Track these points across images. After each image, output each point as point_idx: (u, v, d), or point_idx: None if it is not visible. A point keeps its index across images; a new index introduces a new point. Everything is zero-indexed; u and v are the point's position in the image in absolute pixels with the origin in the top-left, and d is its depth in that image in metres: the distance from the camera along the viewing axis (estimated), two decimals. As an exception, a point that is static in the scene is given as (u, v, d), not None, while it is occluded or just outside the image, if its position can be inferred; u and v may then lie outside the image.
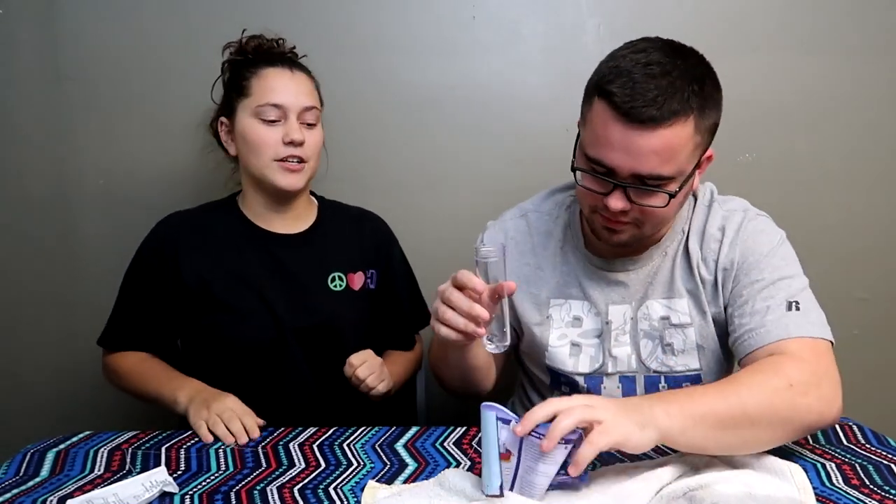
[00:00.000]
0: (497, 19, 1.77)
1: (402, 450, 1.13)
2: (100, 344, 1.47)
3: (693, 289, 1.24)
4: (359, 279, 1.48)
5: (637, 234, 1.18)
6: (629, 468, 1.02)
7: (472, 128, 1.80)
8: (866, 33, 1.76)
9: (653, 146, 1.06)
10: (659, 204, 1.12)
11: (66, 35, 1.76)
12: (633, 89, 1.05)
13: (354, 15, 1.76)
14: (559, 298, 1.30)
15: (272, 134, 1.37)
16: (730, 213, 1.25)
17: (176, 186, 1.79)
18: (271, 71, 1.39)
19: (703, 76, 1.10)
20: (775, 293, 1.15)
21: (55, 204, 1.83)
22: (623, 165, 1.08)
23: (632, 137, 1.06)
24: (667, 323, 1.25)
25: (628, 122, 1.05)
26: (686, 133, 1.07)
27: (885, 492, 0.96)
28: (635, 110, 1.04)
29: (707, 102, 1.09)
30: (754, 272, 1.18)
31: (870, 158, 1.81)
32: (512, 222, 1.37)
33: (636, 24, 1.74)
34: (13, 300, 1.86)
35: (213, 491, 1.01)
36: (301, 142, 1.37)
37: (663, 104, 1.04)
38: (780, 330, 1.11)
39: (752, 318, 1.14)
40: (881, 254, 1.85)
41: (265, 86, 1.38)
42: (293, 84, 1.39)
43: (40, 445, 1.14)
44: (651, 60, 1.07)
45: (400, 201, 1.79)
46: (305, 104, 1.39)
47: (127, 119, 1.79)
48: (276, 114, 1.37)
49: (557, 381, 1.33)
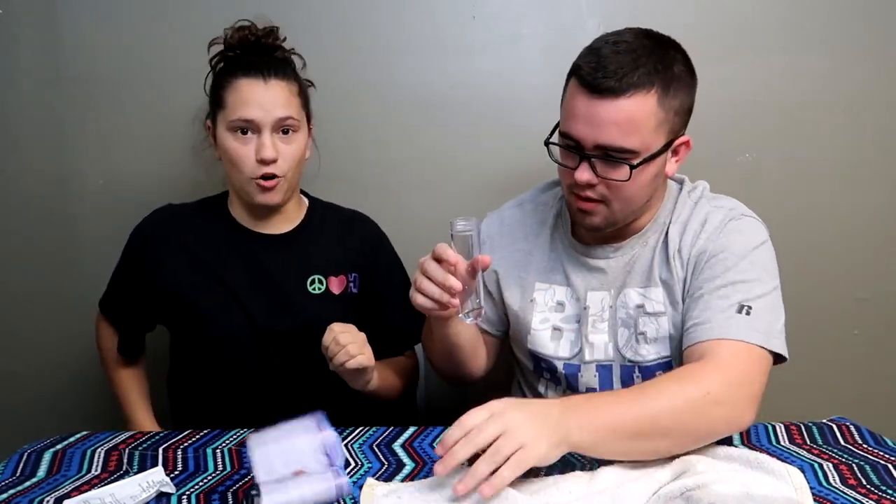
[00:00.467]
0: (497, 19, 1.77)
1: (399, 450, 1.13)
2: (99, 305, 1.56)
3: (668, 279, 1.24)
4: (340, 283, 1.46)
5: (608, 215, 1.21)
6: (627, 468, 1.02)
7: (471, 128, 1.80)
8: (867, 33, 1.76)
9: (613, 116, 1.11)
10: (622, 177, 1.15)
11: (66, 35, 1.76)
12: (598, 63, 1.12)
13: (354, 14, 1.75)
14: (544, 283, 1.33)
15: (246, 151, 1.34)
16: (716, 209, 1.25)
17: (176, 186, 1.78)
18: (244, 82, 1.34)
19: (672, 58, 1.17)
20: (732, 294, 1.15)
21: (55, 204, 1.83)
22: (587, 136, 1.14)
23: (594, 108, 1.12)
24: (641, 311, 1.26)
25: (591, 93, 1.12)
26: (647, 107, 1.12)
27: (882, 492, 0.96)
28: (597, 81, 1.11)
29: (673, 82, 1.15)
30: (719, 268, 1.18)
31: (870, 158, 1.81)
32: (508, 211, 1.41)
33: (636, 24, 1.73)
34: (12, 300, 1.86)
35: (210, 491, 1.01)
36: (272, 160, 1.33)
37: (623, 76, 1.11)
38: (722, 329, 1.11)
39: (703, 312, 1.15)
40: (881, 254, 1.84)
41: (237, 99, 1.33)
42: (267, 95, 1.33)
43: (37, 445, 1.14)
44: (620, 40, 1.15)
45: (399, 201, 1.79)
46: (279, 115, 1.34)
47: (127, 119, 1.79)
48: (247, 129, 1.34)
49: (539, 366, 1.35)
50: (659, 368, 1.26)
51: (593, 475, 1.00)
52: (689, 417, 1.01)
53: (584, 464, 1.06)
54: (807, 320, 1.51)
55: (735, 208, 1.26)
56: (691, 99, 1.20)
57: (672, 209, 1.28)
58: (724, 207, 1.25)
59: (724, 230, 1.22)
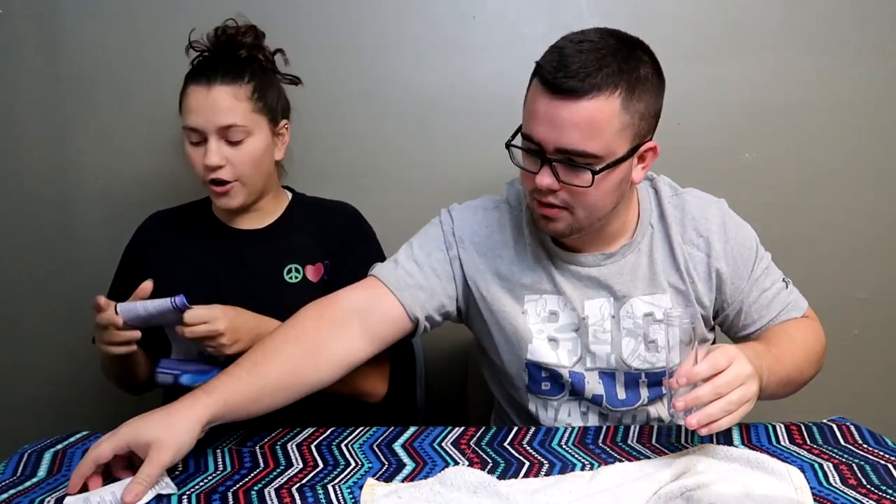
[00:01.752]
0: (497, 19, 1.77)
1: (399, 450, 1.13)
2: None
3: (677, 282, 1.25)
4: (317, 271, 1.46)
5: (572, 222, 1.17)
6: (627, 468, 1.02)
7: (472, 128, 1.80)
8: (866, 33, 1.76)
9: (574, 118, 1.07)
10: (584, 183, 1.11)
11: (66, 35, 1.77)
12: (560, 62, 1.07)
13: (354, 14, 1.76)
14: (534, 294, 1.28)
15: (197, 156, 1.36)
16: (702, 203, 1.28)
17: (176, 186, 1.78)
18: (191, 89, 1.35)
19: (638, 59, 1.11)
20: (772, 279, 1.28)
21: (55, 204, 1.83)
22: (548, 138, 1.09)
23: (555, 108, 1.08)
24: (651, 319, 1.25)
25: (552, 94, 1.08)
26: (609, 109, 1.08)
27: (882, 492, 0.96)
28: (558, 80, 1.06)
29: (639, 84, 1.10)
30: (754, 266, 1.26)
31: (870, 158, 1.81)
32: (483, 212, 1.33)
33: (636, 25, 1.72)
34: (12, 299, 1.86)
35: (211, 491, 1.01)
36: (217, 166, 1.34)
37: (586, 77, 1.06)
38: (795, 310, 1.28)
39: (769, 309, 1.27)
40: (881, 254, 1.85)
41: (186, 106, 1.36)
42: (209, 103, 1.33)
43: (38, 445, 1.14)
44: (584, 38, 1.10)
45: (399, 201, 1.79)
46: (221, 123, 1.33)
47: (127, 119, 1.79)
48: (196, 136, 1.35)
49: (537, 379, 1.30)
50: (665, 375, 1.26)
51: (594, 475, 1.00)
52: (813, 370, 1.25)
53: (584, 464, 1.06)
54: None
55: (712, 198, 1.30)
56: (659, 103, 1.16)
57: (658, 211, 1.27)
58: (709, 203, 1.28)
59: (729, 230, 1.26)
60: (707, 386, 0.96)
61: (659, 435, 1.15)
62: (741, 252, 1.25)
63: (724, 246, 1.24)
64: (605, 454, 1.10)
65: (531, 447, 1.13)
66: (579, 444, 1.13)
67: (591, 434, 1.17)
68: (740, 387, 0.97)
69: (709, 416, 0.95)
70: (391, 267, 1.29)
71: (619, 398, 1.28)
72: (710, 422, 0.95)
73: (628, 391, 1.28)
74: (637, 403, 1.28)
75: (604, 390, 1.27)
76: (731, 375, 0.97)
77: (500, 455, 1.10)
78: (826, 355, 1.45)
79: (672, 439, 1.14)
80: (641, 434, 1.16)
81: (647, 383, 1.27)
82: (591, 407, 1.30)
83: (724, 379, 0.97)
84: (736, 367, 0.98)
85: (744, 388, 0.98)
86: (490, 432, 1.17)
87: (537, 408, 1.33)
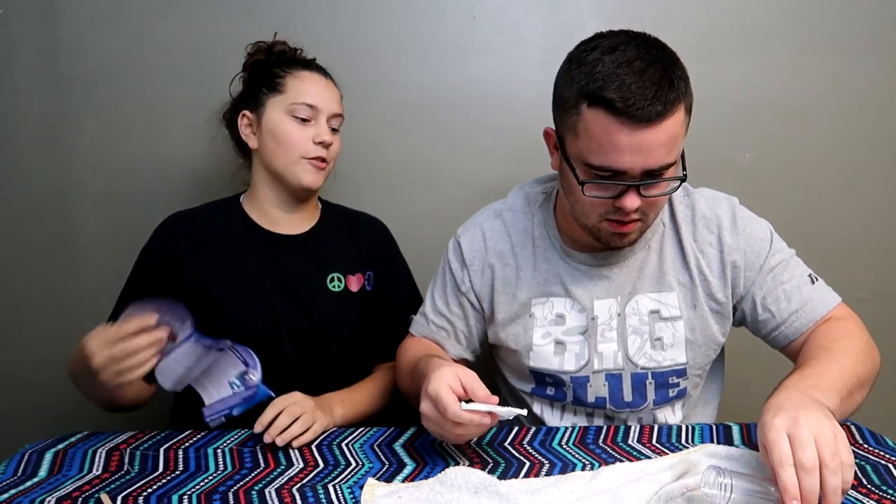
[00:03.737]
0: (497, 19, 1.77)
1: (400, 450, 1.13)
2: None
3: (687, 282, 1.26)
4: (357, 281, 1.48)
5: (642, 227, 1.19)
6: (628, 468, 1.02)
7: (472, 128, 1.80)
8: (866, 33, 1.76)
9: (660, 140, 1.07)
10: (668, 191, 1.15)
11: (66, 35, 1.76)
12: (631, 90, 1.04)
13: (354, 15, 1.76)
14: (541, 297, 1.29)
15: (303, 132, 1.41)
16: (712, 201, 1.28)
17: (176, 186, 1.79)
18: (307, 74, 1.44)
19: (674, 57, 1.12)
20: (793, 273, 1.25)
21: (55, 204, 1.83)
22: (636, 166, 1.08)
23: (641, 137, 1.06)
24: (657, 317, 1.25)
25: (635, 124, 1.05)
26: (682, 116, 1.10)
27: (883, 492, 0.96)
28: (641, 111, 1.04)
29: (687, 82, 1.11)
30: (767, 258, 1.25)
31: (870, 158, 1.81)
32: (488, 223, 1.35)
33: (636, 24, 1.72)
34: (13, 300, 1.86)
35: (211, 491, 1.01)
36: (330, 143, 1.43)
37: (664, 97, 1.05)
38: (820, 305, 1.23)
39: (790, 302, 1.23)
40: (881, 254, 1.84)
41: (301, 87, 1.42)
42: (327, 90, 1.45)
43: (38, 445, 1.14)
44: (630, 58, 1.07)
45: (398, 201, 1.79)
46: (335, 110, 1.45)
47: (127, 119, 1.79)
48: (308, 113, 1.41)
49: (542, 384, 1.31)
50: (672, 375, 1.26)
51: (594, 475, 1.00)
52: (870, 364, 1.16)
53: (584, 464, 1.06)
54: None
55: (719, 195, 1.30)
56: None
57: (670, 210, 1.28)
58: (718, 199, 1.29)
59: (741, 223, 1.26)
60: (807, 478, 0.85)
61: (659, 435, 1.15)
62: (752, 244, 1.25)
63: (735, 240, 1.25)
64: (606, 454, 1.10)
65: (532, 447, 1.13)
66: (580, 444, 1.13)
67: (592, 434, 1.17)
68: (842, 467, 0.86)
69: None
70: (423, 323, 1.39)
71: (624, 400, 1.28)
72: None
73: (635, 393, 1.27)
74: (643, 406, 1.28)
75: (608, 393, 1.27)
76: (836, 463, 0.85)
77: (501, 455, 1.10)
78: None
79: (672, 439, 1.14)
80: (642, 434, 1.16)
81: (655, 385, 1.27)
82: (597, 410, 1.30)
83: (805, 460, 0.85)
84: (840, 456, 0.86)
85: (847, 471, 0.86)
86: (490, 432, 1.17)
87: (542, 410, 1.33)
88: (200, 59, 1.74)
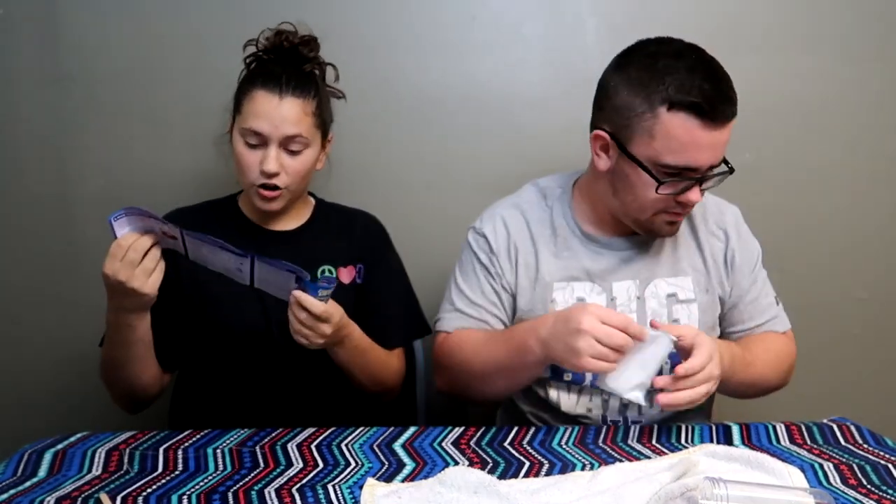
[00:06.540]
0: (497, 19, 1.77)
1: (400, 450, 1.13)
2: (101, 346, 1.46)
3: (700, 267, 1.34)
4: (349, 273, 1.48)
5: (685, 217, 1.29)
6: (628, 468, 1.02)
7: (471, 128, 1.80)
8: (866, 33, 1.76)
9: (727, 137, 1.19)
10: (718, 182, 1.24)
11: (66, 35, 1.76)
12: (712, 94, 1.15)
13: (353, 15, 1.76)
14: (562, 282, 1.33)
15: (252, 158, 1.36)
16: (720, 203, 1.40)
17: (176, 186, 1.78)
18: (260, 94, 1.36)
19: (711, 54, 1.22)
20: (768, 290, 1.39)
21: (55, 204, 1.82)
22: (709, 162, 1.19)
23: (717, 135, 1.17)
24: (674, 300, 1.32)
25: (714, 123, 1.16)
26: None
27: (883, 492, 0.96)
28: (721, 112, 1.15)
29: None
30: (755, 270, 1.37)
31: (870, 158, 1.81)
32: (507, 212, 1.39)
33: (636, 24, 1.74)
34: (13, 300, 1.86)
35: (211, 491, 1.01)
36: (273, 173, 1.36)
37: (734, 97, 1.18)
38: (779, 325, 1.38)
39: (762, 315, 1.37)
40: (881, 254, 1.85)
41: (251, 110, 1.36)
42: (279, 112, 1.35)
43: (38, 445, 1.14)
44: (696, 64, 1.17)
45: (398, 201, 1.79)
46: (287, 133, 1.35)
47: (127, 119, 1.79)
48: (256, 139, 1.36)
49: (560, 367, 1.31)
50: None
51: (594, 475, 1.00)
52: (774, 381, 1.35)
53: (584, 464, 1.06)
54: (807, 320, 1.51)
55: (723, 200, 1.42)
56: None
57: None
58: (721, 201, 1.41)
59: (743, 231, 1.38)
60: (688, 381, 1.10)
61: (659, 435, 1.15)
62: (748, 252, 1.37)
63: (738, 241, 1.36)
64: (606, 454, 1.10)
65: (531, 447, 1.13)
66: (579, 444, 1.13)
67: (592, 434, 1.17)
68: (707, 383, 1.11)
69: (676, 401, 1.10)
70: (455, 317, 1.38)
71: None
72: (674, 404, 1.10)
73: None
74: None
75: None
76: (706, 374, 1.10)
77: (501, 455, 1.10)
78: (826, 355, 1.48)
79: (672, 439, 1.14)
80: (642, 434, 1.16)
81: (671, 366, 1.27)
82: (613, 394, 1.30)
83: (701, 376, 1.10)
84: (711, 368, 1.11)
85: (709, 384, 1.11)
86: (490, 432, 1.17)
87: (559, 395, 1.34)
88: (201, 59, 1.74)
